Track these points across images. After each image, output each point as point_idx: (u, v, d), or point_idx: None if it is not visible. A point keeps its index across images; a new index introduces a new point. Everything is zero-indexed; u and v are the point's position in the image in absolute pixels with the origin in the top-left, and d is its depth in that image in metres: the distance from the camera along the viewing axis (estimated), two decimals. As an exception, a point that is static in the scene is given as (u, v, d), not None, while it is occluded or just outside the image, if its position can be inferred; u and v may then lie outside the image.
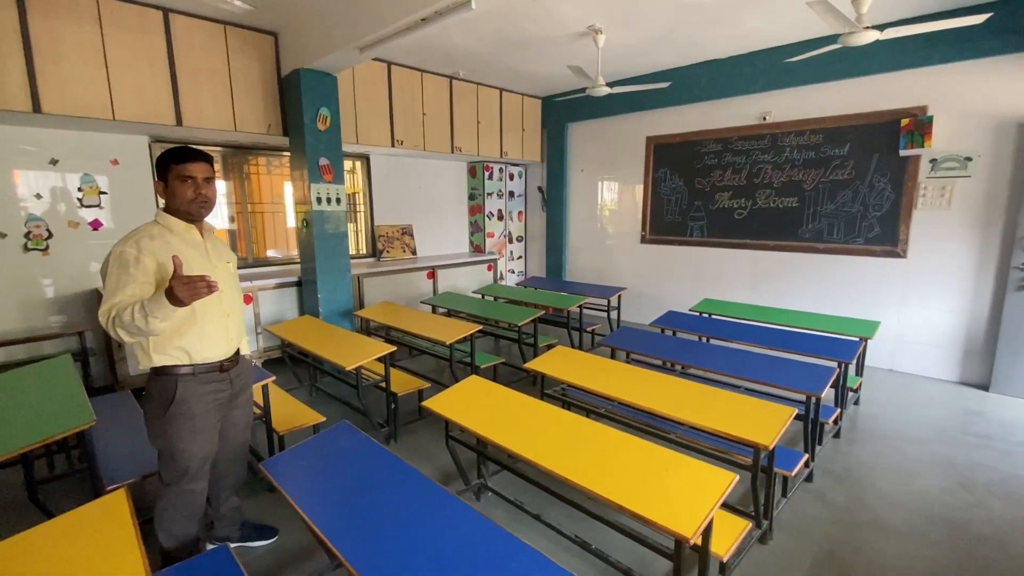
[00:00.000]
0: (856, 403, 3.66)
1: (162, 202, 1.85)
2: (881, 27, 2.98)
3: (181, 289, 1.49)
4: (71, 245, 3.82)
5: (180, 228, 1.77)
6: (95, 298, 3.87)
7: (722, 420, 2.03)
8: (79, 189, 3.82)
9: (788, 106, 4.74)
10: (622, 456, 1.74)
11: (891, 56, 3.99)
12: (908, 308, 4.31)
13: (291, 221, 5.20)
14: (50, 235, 3.72)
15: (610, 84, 4.28)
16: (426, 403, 2.25)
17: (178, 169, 1.72)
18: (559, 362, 2.81)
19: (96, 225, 3.91)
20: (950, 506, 2.46)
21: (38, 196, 3.65)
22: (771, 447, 1.87)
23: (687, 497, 1.51)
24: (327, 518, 1.48)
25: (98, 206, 3.91)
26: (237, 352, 1.94)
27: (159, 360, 1.70)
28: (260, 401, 2.54)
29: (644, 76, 5.43)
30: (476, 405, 2.22)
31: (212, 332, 1.79)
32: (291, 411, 2.81)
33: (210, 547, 2.10)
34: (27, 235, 3.63)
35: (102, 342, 3.88)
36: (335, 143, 4.16)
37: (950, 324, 4.12)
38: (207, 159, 1.78)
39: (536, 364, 2.79)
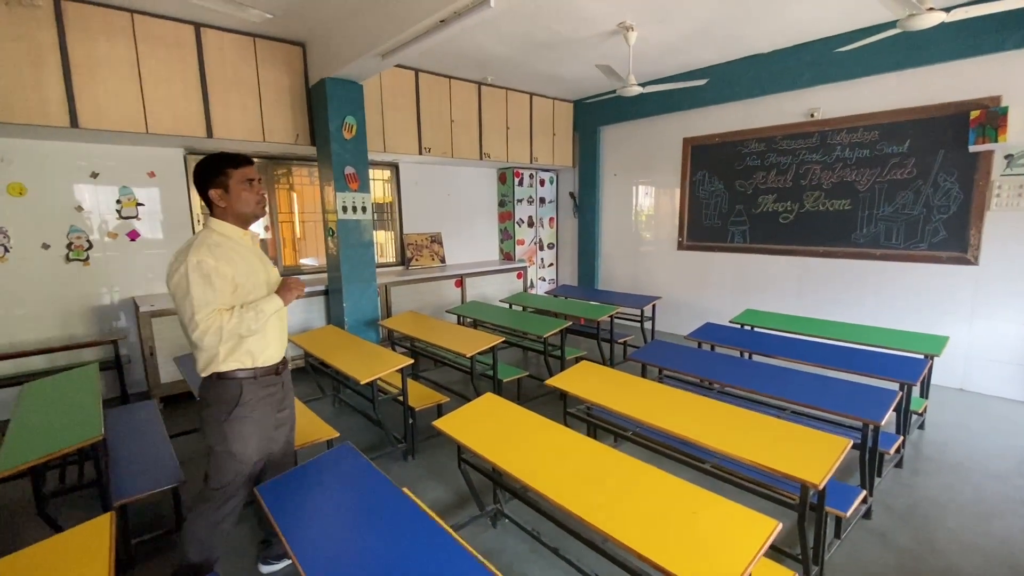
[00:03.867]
0: (921, 427, 3.28)
1: (198, 209, 1.90)
2: (947, 9, 2.66)
3: (300, 289, 1.84)
4: (110, 255, 3.94)
5: (237, 235, 1.78)
6: (132, 307, 3.97)
7: (764, 451, 1.80)
8: (118, 201, 3.94)
9: (838, 101, 4.38)
10: (648, 492, 1.55)
11: (958, 42, 3.60)
12: (980, 320, 3.86)
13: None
14: (90, 246, 3.85)
15: (643, 84, 4.07)
16: (437, 423, 2.12)
17: (241, 173, 1.74)
18: (583, 379, 2.62)
19: (133, 236, 4.02)
20: (1039, 555, 2.12)
21: (79, 208, 3.78)
22: (821, 486, 1.63)
23: (721, 546, 1.30)
24: (315, 558, 1.37)
25: (135, 217, 4.02)
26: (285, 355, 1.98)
27: (227, 365, 1.70)
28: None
29: (680, 74, 5.18)
30: (491, 426, 2.08)
31: (272, 335, 1.82)
32: (306, 424, 2.74)
33: (265, 568, 2.07)
34: (69, 246, 3.76)
35: (139, 349, 3.96)
36: (361, 152, 4.13)
37: (1032, 339, 3.66)
38: None
39: (558, 381, 2.61)
